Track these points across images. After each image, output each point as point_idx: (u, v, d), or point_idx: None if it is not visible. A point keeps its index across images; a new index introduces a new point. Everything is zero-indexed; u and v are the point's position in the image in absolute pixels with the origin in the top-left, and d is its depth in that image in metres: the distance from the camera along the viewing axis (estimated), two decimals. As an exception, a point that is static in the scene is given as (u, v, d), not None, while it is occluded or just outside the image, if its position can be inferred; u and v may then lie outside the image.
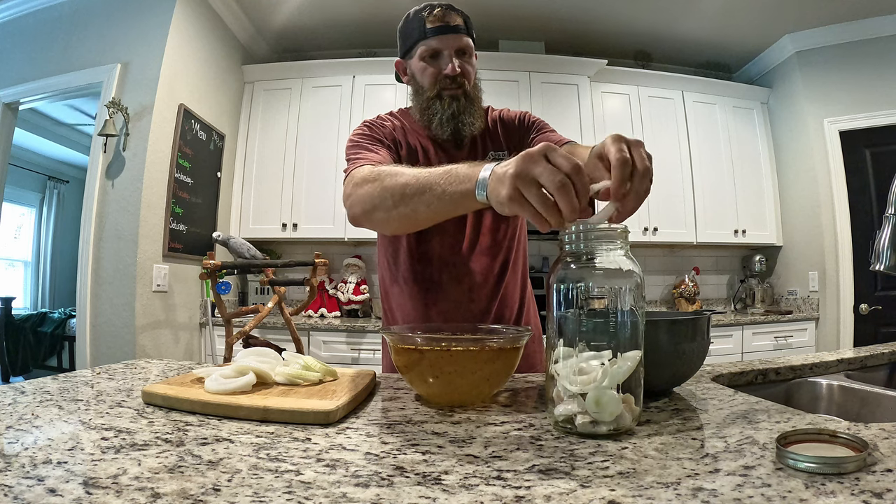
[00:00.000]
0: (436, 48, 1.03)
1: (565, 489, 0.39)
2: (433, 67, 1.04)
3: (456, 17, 1.03)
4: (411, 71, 1.08)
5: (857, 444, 0.44)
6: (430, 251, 1.08)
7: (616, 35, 3.39)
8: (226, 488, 0.39)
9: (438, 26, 1.01)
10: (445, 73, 1.02)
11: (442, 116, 1.04)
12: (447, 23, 1.01)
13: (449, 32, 1.02)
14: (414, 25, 1.04)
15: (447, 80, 1.03)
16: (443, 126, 1.05)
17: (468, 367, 0.64)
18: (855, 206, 3.01)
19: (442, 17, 1.01)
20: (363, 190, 0.86)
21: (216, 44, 2.96)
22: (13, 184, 4.72)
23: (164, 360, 1.01)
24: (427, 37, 1.02)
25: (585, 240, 0.58)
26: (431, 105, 1.05)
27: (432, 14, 1.02)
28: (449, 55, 1.03)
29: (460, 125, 1.05)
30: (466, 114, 1.05)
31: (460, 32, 1.03)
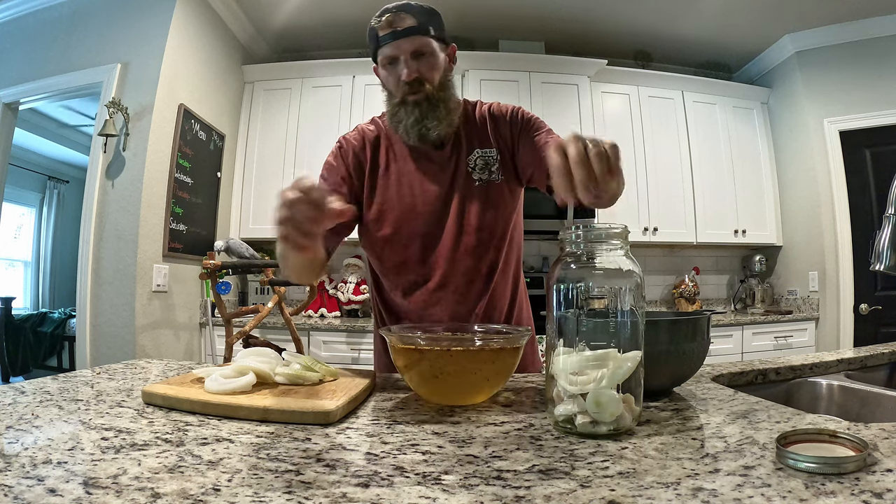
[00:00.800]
0: (391, 55, 1.01)
1: (565, 489, 0.39)
2: (393, 75, 1.03)
3: (406, 18, 1.00)
4: (381, 77, 1.08)
5: (857, 444, 0.44)
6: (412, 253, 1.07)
7: (616, 35, 3.39)
8: (226, 488, 0.39)
9: (388, 32, 1.00)
10: (402, 79, 1.01)
11: (406, 123, 1.03)
12: (396, 28, 0.99)
13: (399, 37, 0.99)
14: (373, 33, 1.03)
15: (406, 86, 1.01)
16: (408, 132, 1.04)
17: (468, 367, 0.64)
18: (855, 206, 3.01)
19: (390, 22, 1.00)
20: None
21: (216, 44, 2.96)
22: (13, 184, 4.72)
23: (164, 360, 1.01)
24: (381, 45, 1.02)
25: (585, 240, 0.58)
26: (397, 111, 1.04)
27: (381, 21, 1.00)
28: (404, 60, 1.00)
29: (424, 129, 1.03)
30: (430, 118, 1.02)
31: (412, 34, 1.00)
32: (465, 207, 1.06)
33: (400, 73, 1.01)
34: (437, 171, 1.08)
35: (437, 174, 1.08)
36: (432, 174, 1.08)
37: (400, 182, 1.08)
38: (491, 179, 1.08)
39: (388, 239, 1.08)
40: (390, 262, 1.10)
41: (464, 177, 1.07)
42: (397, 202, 1.08)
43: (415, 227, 1.06)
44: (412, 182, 1.08)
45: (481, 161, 1.08)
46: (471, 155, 1.09)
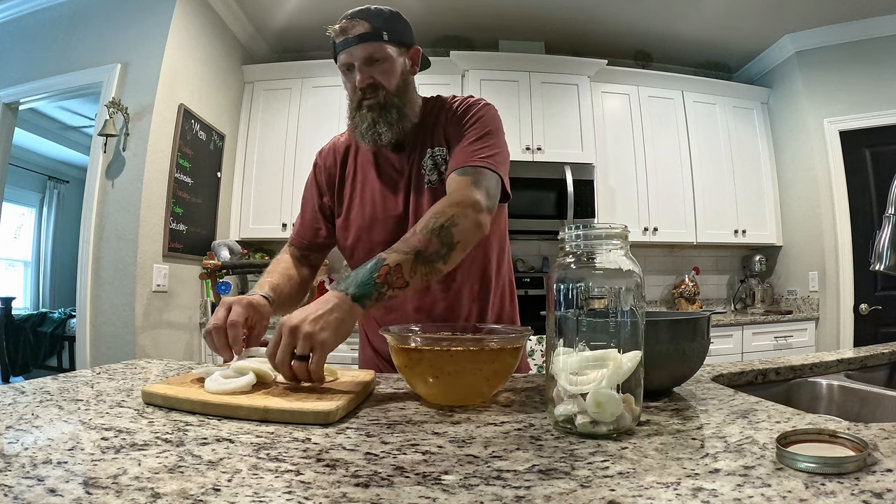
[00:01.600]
0: (346, 62, 1.02)
1: (565, 489, 0.39)
2: (350, 80, 1.03)
3: (359, 24, 0.99)
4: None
5: (857, 444, 0.44)
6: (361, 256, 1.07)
7: (616, 35, 3.39)
8: (226, 488, 0.39)
9: (341, 40, 1.00)
10: (357, 86, 1.01)
11: (361, 128, 1.03)
12: (347, 35, 0.99)
13: (351, 45, 0.99)
14: (332, 41, 1.04)
15: (360, 92, 1.02)
16: (363, 137, 1.04)
17: (468, 367, 0.64)
18: (855, 206, 3.01)
19: (343, 29, 1.00)
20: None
21: (216, 44, 2.96)
22: (13, 184, 4.72)
23: (164, 360, 1.01)
24: (337, 52, 1.02)
25: (585, 240, 0.58)
26: (354, 117, 1.05)
27: (336, 29, 1.01)
28: (359, 66, 1.00)
29: (376, 135, 1.03)
30: (381, 123, 1.02)
31: (364, 40, 0.99)
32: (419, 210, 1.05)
33: (355, 80, 1.02)
34: (397, 176, 1.08)
35: (396, 179, 1.08)
36: (392, 180, 1.09)
37: (363, 190, 1.10)
38: (441, 179, 1.06)
39: (353, 247, 1.09)
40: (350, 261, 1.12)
41: (417, 179, 1.07)
42: (360, 210, 1.09)
43: (376, 235, 1.07)
44: (374, 189, 1.09)
45: (430, 161, 1.07)
46: (424, 157, 1.08)
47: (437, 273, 0.84)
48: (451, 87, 3.11)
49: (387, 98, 1.02)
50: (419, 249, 0.81)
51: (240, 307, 0.85)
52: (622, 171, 3.22)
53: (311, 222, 1.17)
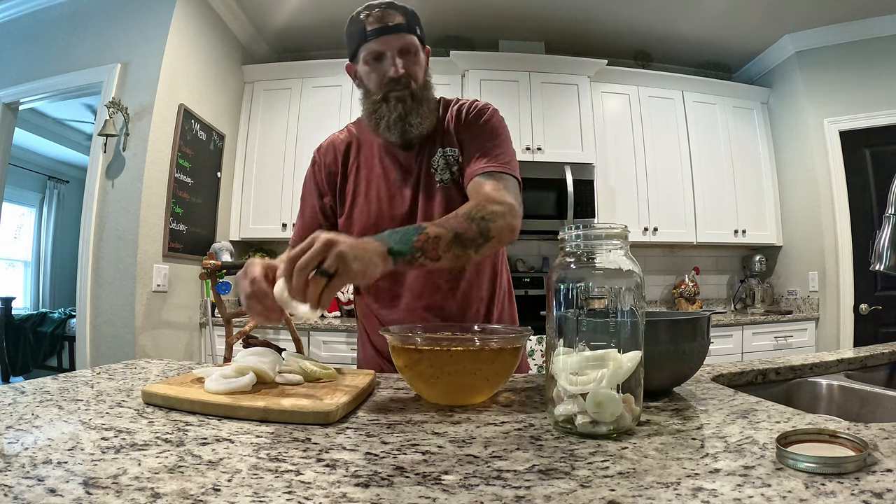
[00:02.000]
0: (378, 50, 1.00)
1: (565, 489, 0.39)
2: (377, 71, 1.02)
3: (396, 15, 0.99)
4: (359, 75, 1.06)
5: (857, 444, 0.44)
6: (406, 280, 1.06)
7: (616, 35, 3.39)
8: (226, 488, 0.39)
9: (377, 28, 0.98)
10: (389, 75, 1.00)
11: (389, 119, 1.02)
12: (386, 23, 0.98)
13: (389, 33, 0.98)
14: (356, 28, 1.02)
15: (392, 83, 1.01)
16: (390, 129, 1.03)
17: (468, 367, 0.64)
18: (855, 206, 3.01)
19: (381, 17, 0.98)
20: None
21: (216, 44, 2.96)
22: (13, 184, 4.71)
23: (164, 360, 1.01)
24: (368, 39, 1.00)
25: (585, 240, 0.58)
26: (378, 108, 1.03)
27: (371, 15, 0.99)
28: (392, 56, 1.00)
29: (407, 126, 1.02)
30: (413, 115, 1.02)
31: (401, 31, 0.99)
32: (428, 209, 1.05)
33: (386, 70, 1.00)
34: (404, 174, 1.08)
35: (403, 177, 1.08)
36: (399, 177, 1.08)
37: (368, 188, 1.09)
38: (453, 179, 1.06)
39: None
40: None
41: (427, 178, 1.07)
42: (365, 208, 1.08)
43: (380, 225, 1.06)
44: (379, 186, 1.08)
45: (443, 161, 1.07)
46: (434, 156, 1.08)
47: (467, 259, 0.83)
48: (451, 87, 3.11)
49: (416, 91, 1.02)
50: (458, 231, 0.81)
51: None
52: (622, 171, 3.22)
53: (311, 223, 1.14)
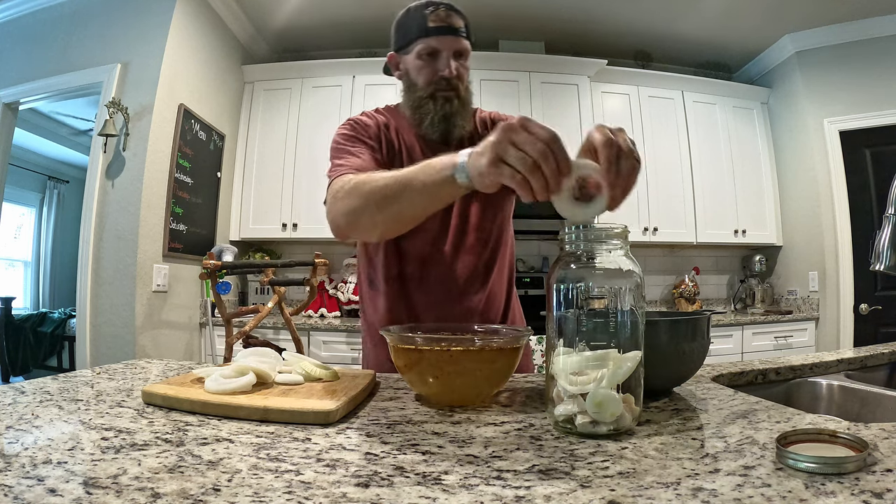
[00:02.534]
0: (435, 48, 1.02)
1: (565, 489, 0.39)
2: (430, 67, 1.03)
3: (458, 19, 1.02)
4: (405, 67, 1.07)
5: (857, 444, 0.44)
6: (411, 249, 1.07)
7: (616, 35, 3.39)
8: (226, 488, 0.39)
9: (441, 26, 1.00)
10: (442, 74, 1.02)
11: (434, 117, 1.04)
12: (450, 24, 1.01)
13: (450, 34, 1.01)
14: (414, 21, 1.03)
15: (443, 82, 1.02)
16: (434, 126, 1.05)
17: (468, 367, 0.64)
18: (855, 206, 3.01)
19: (445, 17, 1.01)
20: (343, 203, 0.86)
21: (216, 44, 2.96)
22: (13, 184, 4.71)
23: (164, 360, 1.01)
24: (428, 35, 1.01)
25: (585, 240, 0.58)
26: (424, 104, 1.04)
27: (436, 13, 1.01)
28: (447, 56, 1.02)
29: (451, 126, 1.04)
30: (458, 116, 1.05)
31: (461, 35, 1.02)
32: (467, 206, 1.07)
33: (439, 69, 1.02)
34: None
35: None
36: None
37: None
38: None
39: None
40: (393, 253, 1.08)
41: None
42: None
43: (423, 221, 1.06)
44: None
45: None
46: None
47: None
48: (451, 87, 3.11)
49: (462, 94, 1.05)
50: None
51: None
52: (622, 171, 3.21)
53: (373, 164, 1.02)
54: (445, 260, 1.07)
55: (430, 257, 1.07)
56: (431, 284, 1.07)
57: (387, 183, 0.78)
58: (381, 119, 1.12)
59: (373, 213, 0.81)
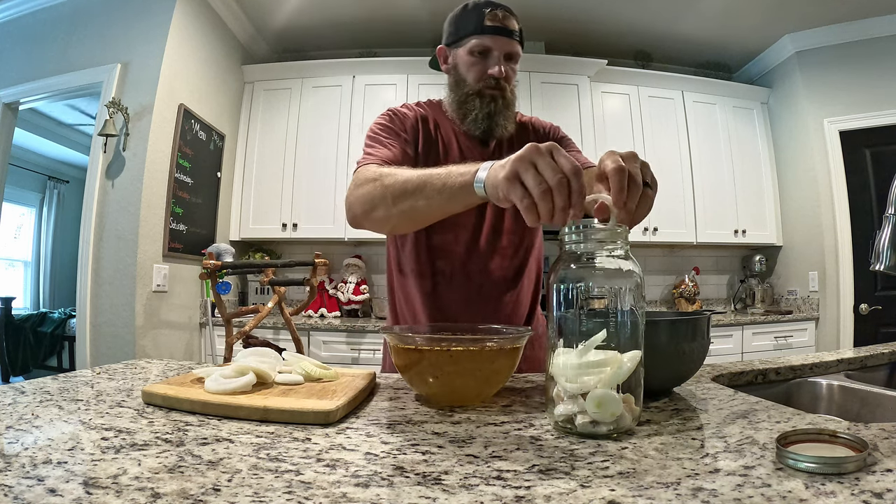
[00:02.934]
0: (488, 46, 1.03)
1: (565, 489, 0.39)
2: (480, 65, 1.05)
3: (515, 22, 1.05)
4: (454, 61, 1.09)
5: (857, 444, 0.44)
6: (444, 245, 1.08)
7: (616, 35, 3.39)
8: (226, 488, 0.39)
9: (497, 27, 1.02)
10: (491, 73, 1.03)
11: (478, 114, 1.06)
12: (507, 26, 1.03)
13: (505, 35, 1.03)
14: (472, 18, 1.05)
15: (491, 81, 1.04)
16: (477, 123, 1.06)
17: (468, 367, 0.64)
18: (855, 206, 3.01)
19: (503, 19, 1.03)
20: (363, 190, 0.88)
21: (216, 44, 2.96)
22: (13, 184, 4.72)
23: (164, 360, 1.01)
24: (483, 33, 1.03)
25: (585, 240, 0.58)
26: (470, 100, 1.06)
27: (494, 13, 1.03)
28: (498, 57, 1.04)
29: (494, 125, 1.06)
30: (501, 116, 1.07)
31: (514, 38, 1.05)
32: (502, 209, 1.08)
33: (489, 67, 1.04)
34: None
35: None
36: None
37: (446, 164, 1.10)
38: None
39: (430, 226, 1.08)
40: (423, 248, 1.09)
41: None
42: None
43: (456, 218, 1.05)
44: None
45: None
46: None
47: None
48: (451, 87, 3.11)
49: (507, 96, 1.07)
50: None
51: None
52: (622, 171, 3.21)
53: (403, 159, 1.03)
54: (479, 260, 1.08)
55: (463, 256, 1.08)
56: (463, 283, 1.08)
57: (407, 178, 0.80)
58: (420, 112, 1.13)
59: (388, 206, 0.83)
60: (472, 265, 1.08)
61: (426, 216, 0.84)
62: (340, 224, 3.04)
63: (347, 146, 3.09)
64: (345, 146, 3.09)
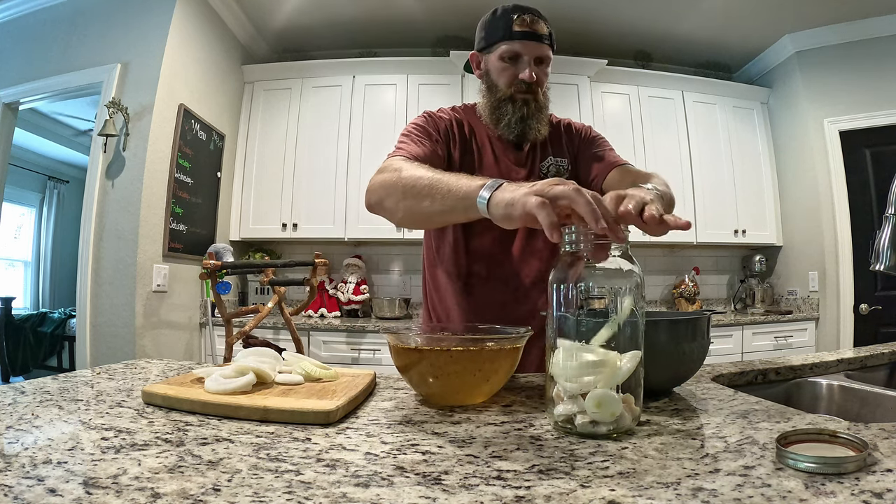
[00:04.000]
0: (518, 52, 1.04)
1: (565, 489, 0.39)
2: (511, 70, 1.06)
3: (544, 26, 1.05)
4: (486, 67, 1.10)
5: (857, 444, 0.44)
6: (479, 247, 1.10)
7: (616, 35, 3.39)
8: (226, 488, 0.39)
9: (526, 31, 1.03)
10: (522, 77, 1.04)
11: (511, 118, 1.07)
12: (535, 30, 1.03)
13: (535, 40, 1.04)
14: (501, 23, 1.05)
15: (522, 85, 1.05)
16: (510, 127, 1.08)
17: (468, 367, 0.64)
18: (855, 206, 3.01)
19: (531, 23, 1.04)
20: (382, 177, 0.89)
21: (216, 44, 2.96)
22: (13, 184, 4.71)
23: (164, 360, 1.01)
24: (513, 38, 1.04)
25: (585, 240, 0.58)
26: (502, 105, 1.07)
27: (522, 18, 1.03)
28: (528, 61, 1.04)
29: (527, 129, 1.07)
30: (534, 119, 1.07)
31: (545, 42, 1.05)
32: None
33: (519, 72, 1.05)
34: (514, 169, 1.12)
35: (512, 172, 1.11)
36: (509, 171, 1.11)
37: (480, 169, 1.11)
38: None
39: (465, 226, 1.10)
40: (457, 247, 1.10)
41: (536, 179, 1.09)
42: None
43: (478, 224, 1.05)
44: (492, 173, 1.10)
45: (554, 168, 1.13)
46: (545, 161, 1.13)
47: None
48: (451, 86, 3.11)
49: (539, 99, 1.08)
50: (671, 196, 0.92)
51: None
52: (622, 171, 3.21)
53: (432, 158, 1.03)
54: (513, 262, 1.09)
55: (498, 258, 1.10)
56: (497, 284, 1.09)
57: (422, 176, 0.80)
58: (456, 117, 1.15)
59: (397, 199, 0.84)
60: (507, 268, 1.09)
61: (427, 219, 0.85)
62: (340, 224, 3.04)
63: (347, 146, 3.09)
64: (345, 146, 3.09)
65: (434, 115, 1.13)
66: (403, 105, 3.13)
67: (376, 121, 3.11)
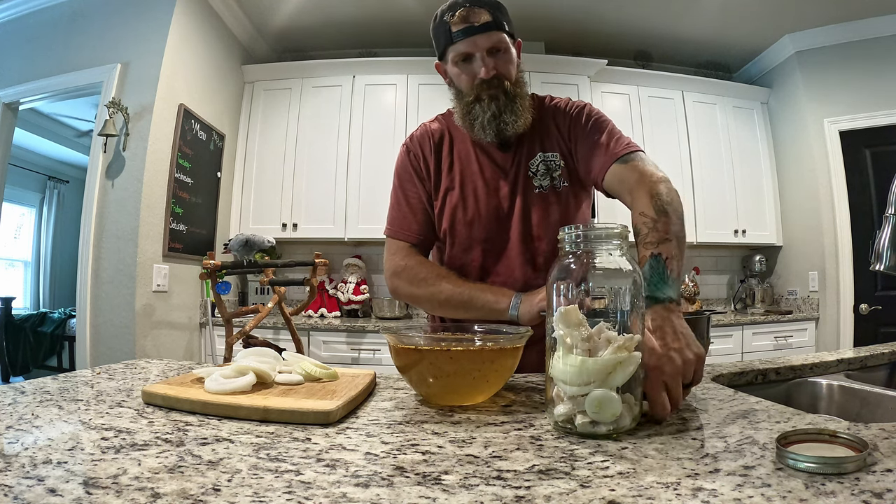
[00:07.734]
0: (465, 51, 0.98)
1: (565, 489, 0.39)
2: (467, 72, 1.00)
3: (482, 12, 0.96)
4: (449, 75, 1.05)
5: (857, 444, 0.44)
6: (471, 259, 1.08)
7: (616, 35, 3.39)
8: (226, 488, 0.39)
9: (463, 28, 0.96)
10: (480, 76, 0.98)
11: (483, 119, 1.00)
12: (472, 23, 0.95)
13: (476, 33, 0.96)
14: (441, 29, 0.99)
15: (483, 84, 0.98)
16: (485, 129, 1.01)
17: (468, 367, 0.64)
18: (855, 206, 3.01)
19: (465, 16, 0.96)
20: (407, 288, 1.05)
21: (216, 44, 2.96)
22: (13, 184, 4.71)
23: (164, 360, 1.01)
24: (454, 41, 0.97)
25: (585, 240, 0.58)
26: (472, 109, 1.01)
27: (455, 14, 0.96)
28: (481, 57, 0.97)
29: (503, 125, 1.00)
30: (507, 112, 1.00)
31: (489, 29, 0.96)
32: (527, 215, 1.05)
33: (476, 71, 0.99)
34: (500, 175, 1.06)
35: (499, 178, 1.06)
36: (495, 178, 1.06)
37: (464, 184, 1.07)
38: (553, 186, 1.05)
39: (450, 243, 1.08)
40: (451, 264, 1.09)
41: (524, 181, 1.05)
42: (460, 205, 1.06)
43: (475, 233, 1.06)
44: (476, 185, 1.06)
45: (543, 166, 1.05)
46: (532, 159, 1.06)
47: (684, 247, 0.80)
48: (451, 87, 3.11)
49: (509, 89, 1.00)
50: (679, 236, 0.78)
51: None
52: (622, 171, 3.21)
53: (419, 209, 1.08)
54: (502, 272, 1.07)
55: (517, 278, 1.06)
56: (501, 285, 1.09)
57: (449, 297, 1.00)
58: (435, 132, 1.11)
59: (433, 308, 1.07)
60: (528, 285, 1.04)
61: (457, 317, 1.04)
62: (340, 224, 3.04)
63: (347, 146, 3.09)
64: (345, 146, 3.09)
65: (411, 144, 1.10)
66: (403, 105, 3.13)
67: (376, 121, 3.11)
